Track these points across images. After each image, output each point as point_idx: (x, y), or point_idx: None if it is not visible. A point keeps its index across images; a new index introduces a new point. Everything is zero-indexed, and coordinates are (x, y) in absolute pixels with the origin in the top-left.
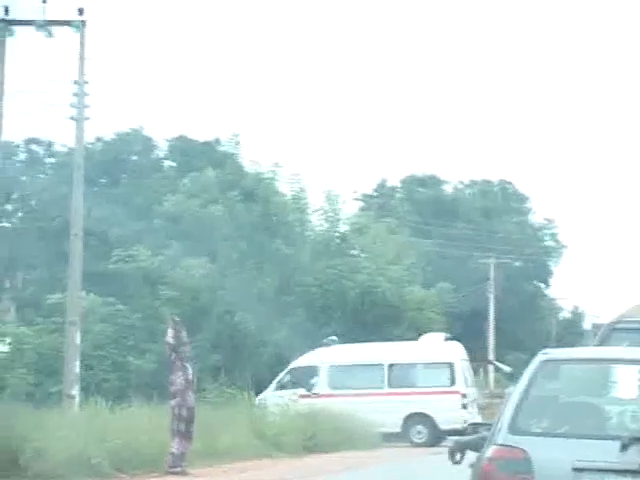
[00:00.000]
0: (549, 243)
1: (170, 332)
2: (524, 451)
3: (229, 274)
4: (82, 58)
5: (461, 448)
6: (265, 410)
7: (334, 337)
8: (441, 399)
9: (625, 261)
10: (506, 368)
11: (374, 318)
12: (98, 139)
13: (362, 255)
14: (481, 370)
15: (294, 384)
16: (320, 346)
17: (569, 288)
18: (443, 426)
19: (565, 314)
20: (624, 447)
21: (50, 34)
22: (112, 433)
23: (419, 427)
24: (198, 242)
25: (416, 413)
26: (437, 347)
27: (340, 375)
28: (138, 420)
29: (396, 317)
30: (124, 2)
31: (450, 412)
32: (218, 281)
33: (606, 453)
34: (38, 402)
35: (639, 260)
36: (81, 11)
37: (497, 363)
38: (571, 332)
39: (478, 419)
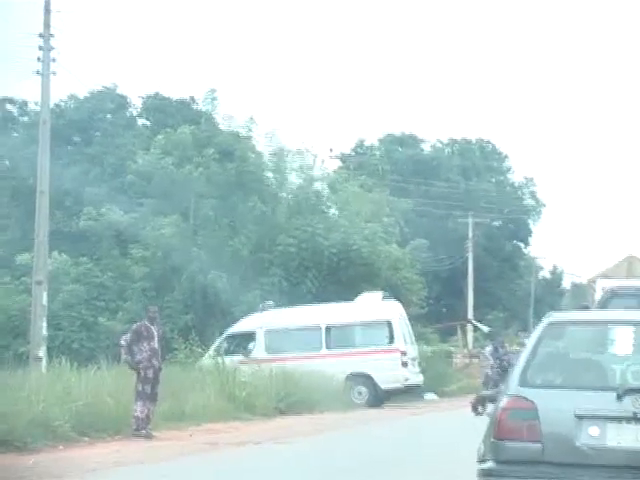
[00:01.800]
0: (528, 202)
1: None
2: (532, 401)
3: (202, 233)
4: (48, 10)
5: (482, 401)
6: (236, 371)
7: (270, 302)
8: (380, 358)
9: (604, 219)
10: (484, 328)
11: (350, 277)
12: (71, 97)
13: (337, 213)
14: (459, 330)
15: (231, 351)
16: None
17: (548, 247)
18: (384, 385)
19: (544, 273)
20: (619, 397)
21: None
22: (76, 395)
23: (359, 387)
24: (171, 201)
25: (356, 374)
26: (374, 306)
27: (277, 339)
28: (104, 382)
29: (372, 276)
30: None
31: (390, 371)
32: (191, 240)
33: (604, 402)
34: (5, 364)
35: (617, 218)
36: None
37: (476, 322)
38: (550, 291)
39: (420, 377)
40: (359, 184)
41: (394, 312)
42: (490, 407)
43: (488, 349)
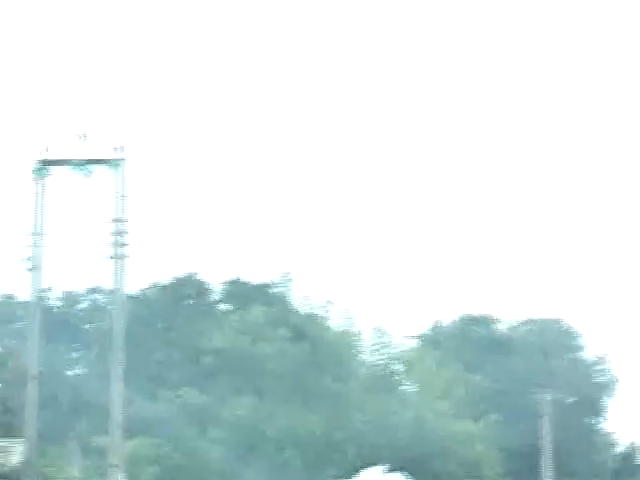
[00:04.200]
0: (602, 378)
1: None
2: None
3: (277, 411)
4: (121, 196)
5: None
6: None
7: None
8: None
9: None
10: None
11: (423, 453)
12: (155, 284)
13: (411, 389)
14: None
15: None
16: None
17: (624, 422)
18: None
19: (621, 449)
20: None
21: (89, 172)
22: None
23: None
24: (245, 379)
25: None
26: None
27: None
28: None
29: (445, 452)
30: (163, 140)
31: None
32: (266, 419)
33: None
34: None
35: None
36: (119, 149)
37: None
38: (628, 466)
39: None
40: (433, 360)
41: None
42: None
43: None
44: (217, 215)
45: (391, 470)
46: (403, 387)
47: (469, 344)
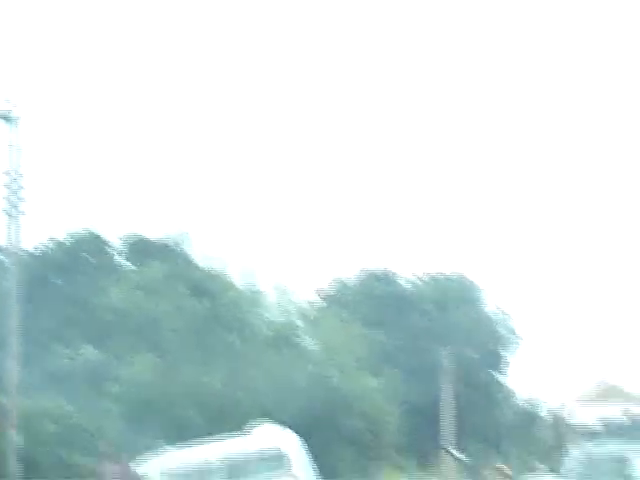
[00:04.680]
0: (504, 333)
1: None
2: None
3: (176, 369)
4: (15, 147)
5: None
6: None
7: (164, 443)
8: None
9: (577, 346)
10: (462, 457)
11: (325, 408)
12: (52, 240)
13: (312, 345)
14: (436, 459)
15: None
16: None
17: (525, 377)
18: None
19: (521, 402)
20: None
21: None
22: None
23: None
24: (144, 337)
25: None
26: (270, 437)
27: None
28: None
29: (346, 407)
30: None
31: None
32: (165, 376)
33: None
34: None
35: (589, 345)
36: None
37: (454, 452)
38: (528, 420)
39: None
40: (334, 317)
41: (290, 442)
42: None
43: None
44: (118, 171)
45: (282, 426)
46: (305, 344)
47: (370, 300)
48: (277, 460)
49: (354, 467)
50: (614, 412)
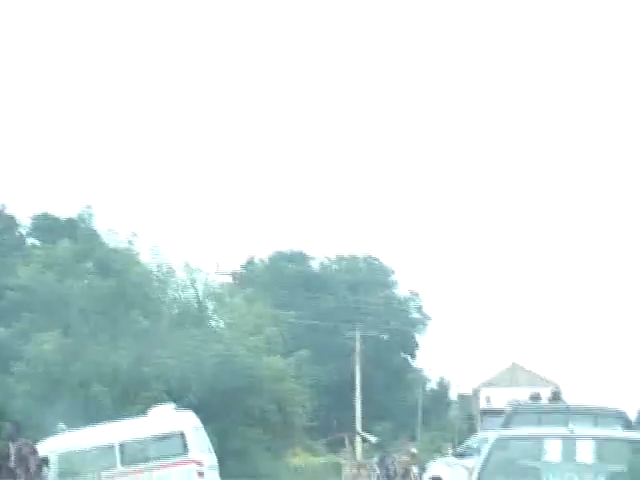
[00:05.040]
0: (414, 315)
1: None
2: None
3: (83, 347)
4: None
5: None
6: None
7: (62, 424)
8: (175, 470)
9: (487, 329)
10: (372, 438)
11: (232, 388)
12: None
13: (220, 325)
14: (347, 441)
15: None
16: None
17: (435, 359)
18: None
19: (432, 385)
20: None
21: None
22: None
23: None
24: (52, 315)
25: None
26: (167, 418)
27: (70, 462)
28: None
29: (255, 387)
30: None
31: None
32: (72, 355)
33: None
34: None
35: (499, 328)
36: None
37: (363, 434)
38: (438, 402)
39: None
40: (243, 297)
41: (187, 422)
42: None
43: (375, 459)
44: (26, 148)
45: (183, 408)
46: (213, 323)
47: (281, 281)
48: (174, 442)
49: (263, 448)
50: (523, 395)
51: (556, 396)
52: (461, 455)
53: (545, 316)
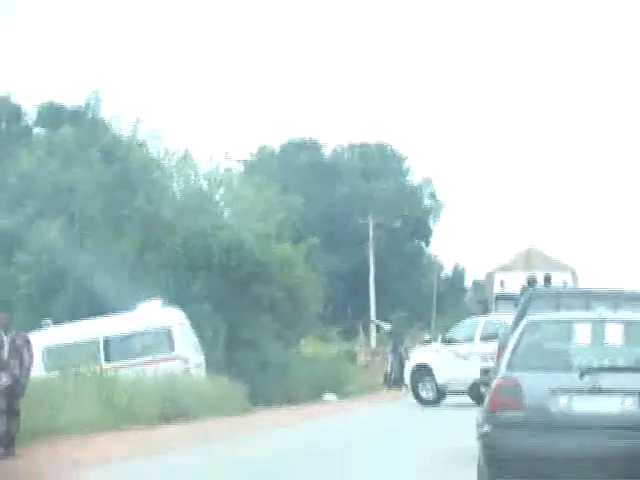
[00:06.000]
0: (428, 202)
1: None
2: (516, 381)
3: (87, 234)
4: None
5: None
6: (115, 377)
7: (48, 320)
8: (160, 367)
9: (501, 214)
10: (386, 326)
11: (241, 276)
12: None
13: (227, 211)
14: (361, 329)
15: None
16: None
17: (450, 245)
18: None
19: (447, 271)
20: (581, 375)
21: None
22: None
23: None
24: (55, 203)
25: None
26: (153, 314)
27: (55, 356)
28: None
29: (264, 275)
30: None
31: None
32: (76, 243)
33: (570, 380)
34: None
35: (513, 212)
36: None
37: (378, 322)
38: (453, 289)
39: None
40: (252, 184)
41: (173, 319)
42: None
43: (388, 348)
44: (31, 34)
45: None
46: (220, 210)
47: (293, 168)
48: (159, 339)
49: (274, 336)
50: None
51: (547, 281)
52: (449, 341)
53: (562, 199)
